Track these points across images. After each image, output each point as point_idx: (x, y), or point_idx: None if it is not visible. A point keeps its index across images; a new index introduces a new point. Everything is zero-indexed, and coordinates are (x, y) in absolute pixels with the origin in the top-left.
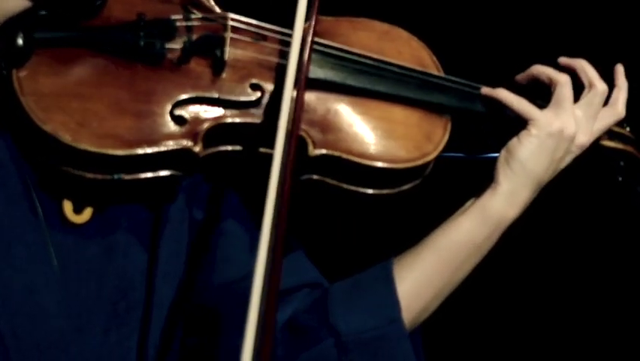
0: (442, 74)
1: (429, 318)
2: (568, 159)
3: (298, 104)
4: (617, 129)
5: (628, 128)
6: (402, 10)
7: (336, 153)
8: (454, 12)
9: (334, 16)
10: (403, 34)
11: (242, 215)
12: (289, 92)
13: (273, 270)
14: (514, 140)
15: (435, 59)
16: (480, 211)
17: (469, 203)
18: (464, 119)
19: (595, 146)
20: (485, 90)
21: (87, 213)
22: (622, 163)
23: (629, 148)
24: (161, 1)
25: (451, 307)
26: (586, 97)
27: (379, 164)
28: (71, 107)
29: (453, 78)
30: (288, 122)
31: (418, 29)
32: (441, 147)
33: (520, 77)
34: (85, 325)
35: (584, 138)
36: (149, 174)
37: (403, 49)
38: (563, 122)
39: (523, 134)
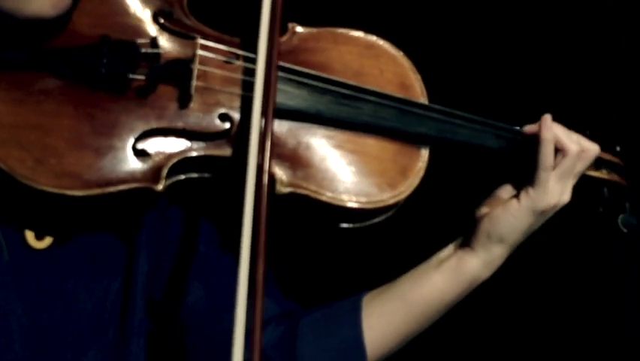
0: (423, 101)
1: None
2: (547, 219)
3: (267, 136)
4: (604, 156)
5: (618, 148)
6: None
7: (304, 192)
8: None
9: (316, 27)
10: (387, 49)
11: (211, 235)
12: (257, 125)
13: (254, 309)
14: (499, 210)
15: (419, 78)
16: (455, 273)
17: (443, 255)
18: (444, 151)
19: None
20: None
21: (49, 239)
22: (606, 193)
23: (614, 177)
24: (130, 13)
25: None
26: (562, 163)
27: (349, 204)
28: (29, 140)
29: (435, 106)
30: (257, 155)
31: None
32: (416, 182)
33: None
34: (52, 351)
35: (566, 198)
36: (112, 207)
37: (386, 67)
38: (554, 197)
39: (510, 206)
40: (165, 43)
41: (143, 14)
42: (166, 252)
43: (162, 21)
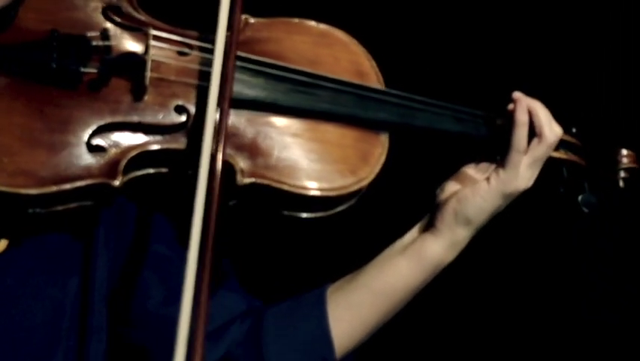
0: (380, 87)
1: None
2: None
3: (222, 126)
4: (563, 137)
5: (574, 130)
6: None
7: (266, 182)
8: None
9: (268, 17)
10: (341, 37)
11: (171, 234)
12: (212, 115)
13: (199, 306)
14: (467, 191)
15: (374, 65)
16: (419, 257)
17: (406, 239)
18: (404, 136)
19: None
20: (519, 98)
21: (3, 243)
22: (565, 173)
23: (572, 157)
24: (79, 7)
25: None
26: (536, 148)
27: (312, 192)
28: None
29: (392, 91)
30: (212, 146)
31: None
32: (377, 168)
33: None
34: (11, 357)
35: (531, 183)
36: (69, 206)
37: (341, 55)
38: (524, 181)
39: (480, 188)
40: (117, 35)
41: (92, 8)
42: (126, 252)
43: (111, 15)
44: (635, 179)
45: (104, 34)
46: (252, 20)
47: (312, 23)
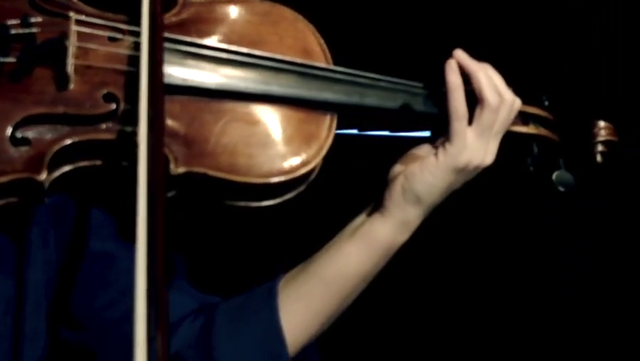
0: (327, 65)
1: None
2: (468, 179)
3: (158, 114)
4: (530, 110)
5: (547, 103)
6: None
7: (202, 170)
8: None
9: None
10: (286, 14)
11: (109, 231)
12: (145, 103)
13: (157, 299)
14: (415, 167)
15: (322, 42)
16: (368, 240)
17: (356, 222)
18: (352, 116)
19: (505, 134)
20: (460, 56)
21: None
22: (535, 149)
23: (542, 132)
24: None
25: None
26: (480, 116)
27: (252, 180)
28: None
29: (339, 69)
30: (148, 135)
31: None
32: (324, 151)
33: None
34: None
35: (489, 158)
36: None
37: (285, 32)
38: (475, 154)
39: (428, 163)
40: (39, 22)
41: None
42: (66, 252)
43: (36, 1)
44: (612, 152)
45: (25, 22)
46: (188, 1)
47: (255, 1)
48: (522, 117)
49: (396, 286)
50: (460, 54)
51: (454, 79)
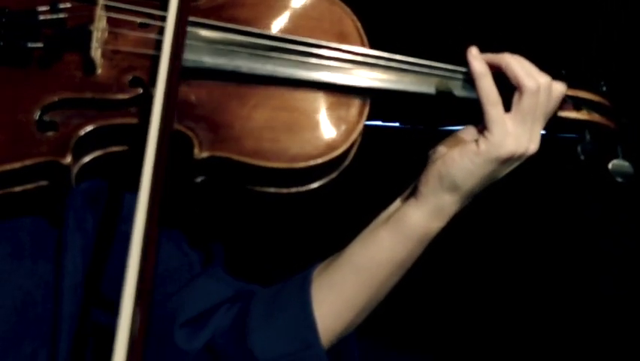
0: (362, 48)
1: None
2: (511, 169)
3: (171, 96)
4: (583, 95)
5: (604, 88)
6: None
7: (225, 155)
8: None
9: None
10: None
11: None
12: (162, 85)
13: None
14: (455, 153)
15: (359, 26)
16: (401, 226)
17: (392, 208)
18: (388, 102)
19: (552, 120)
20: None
21: None
22: (588, 137)
23: (597, 118)
24: None
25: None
26: (519, 101)
27: (277, 164)
28: None
29: (374, 52)
30: (161, 118)
31: None
32: (353, 136)
33: (483, 58)
34: None
35: (534, 147)
36: (25, 187)
37: (321, 16)
38: (518, 142)
39: (468, 150)
40: (67, 7)
41: None
42: (100, 234)
43: None
44: None
45: (54, 7)
46: None
47: None
48: (574, 102)
49: (437, 277)
50: (474, 51)
51: (478, 66)
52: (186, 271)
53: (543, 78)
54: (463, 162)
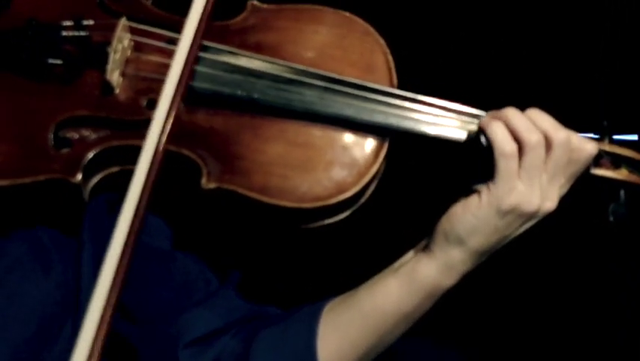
0: (385, 87)
1: None
2: (528, 226)
3: (169, 119)
4: (624, 152)
5: None
6: None
7: (232, 188)
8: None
9: (277, 5)
10: (357, 26)
11: (162, 231)
12: (164, 108)
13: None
14: (458, 207)
15: (390, 60)
16: (411, 278)
17: (405, 258)
18: (406, 142)
19: (584, 176)
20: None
21: None
22: (623, 197)
23: (635, 179)
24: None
25: None
26: (523, 158)
27: (283, 203)
28: None
29: (397, 92)
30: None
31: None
32: (366, 179)
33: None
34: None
35: (549, 205)
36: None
37: (352, 47)
38: (522, 197)
39: (471, 203)
40: (91, 25)
41: None
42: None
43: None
44: None
45: (78, 24)
46: (259, 6)
47: (327, 11)
48: (612, 159)
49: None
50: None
51: (487, 122)
52: (202, 285)
53: (557, 133)
54: (465, 216)
